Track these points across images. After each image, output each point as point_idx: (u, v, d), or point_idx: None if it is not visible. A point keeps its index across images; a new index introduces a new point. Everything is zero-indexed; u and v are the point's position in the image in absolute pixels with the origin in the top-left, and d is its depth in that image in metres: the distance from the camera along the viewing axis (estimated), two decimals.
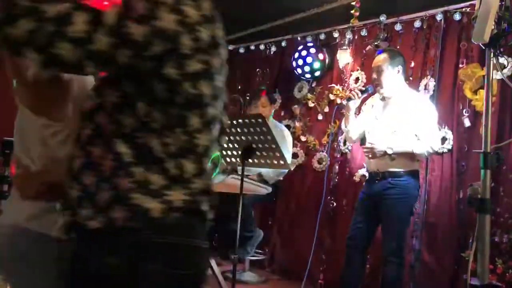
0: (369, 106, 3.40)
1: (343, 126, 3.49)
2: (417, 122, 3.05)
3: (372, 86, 3.26)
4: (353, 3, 3.65)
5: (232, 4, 4.36)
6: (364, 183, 3.46)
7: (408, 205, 3.08)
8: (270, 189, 3.76)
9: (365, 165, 3.51)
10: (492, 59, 1.94)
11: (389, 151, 3.04)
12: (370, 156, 3.13)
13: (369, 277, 3.71)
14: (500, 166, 3.02)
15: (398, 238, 3.03)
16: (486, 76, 1.94)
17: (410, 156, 3.07)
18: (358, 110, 3.46)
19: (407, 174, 3.06)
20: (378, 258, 3.37)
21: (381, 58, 3.18)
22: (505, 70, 3.12)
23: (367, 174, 3.44)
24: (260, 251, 4.48)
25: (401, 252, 3.02)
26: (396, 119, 3.11)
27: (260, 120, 2.72)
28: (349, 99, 3.29)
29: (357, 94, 3.25)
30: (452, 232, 3.37)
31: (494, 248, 2.96)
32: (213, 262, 3.57)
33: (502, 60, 3.10)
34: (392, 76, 3.14)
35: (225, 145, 3.05)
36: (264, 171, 4.00)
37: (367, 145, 3.20)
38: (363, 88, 3.32)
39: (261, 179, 4.03)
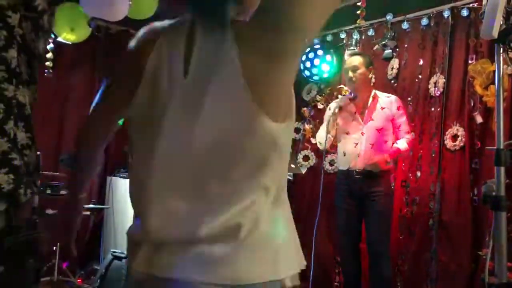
0: (335, 109, 3.43)
1: (323, 133, 3.43)
2: (396, 119, 3.31)
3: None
4: (359, 4, 3.64)
5: None
6: (341, 179, 3.43)
7: (392, 201, 3.36)
8: None
9: (339, 161, 3.52)
10: (501, 54, 1.93)
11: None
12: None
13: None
14: None
15: (388, 233, 3.27)
16: (496, 72, 1.92)
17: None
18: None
19: (388, 172, 3.32)
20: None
21: (356, 59, 3.36)
22: None
23: (343, 170, 3.42)
24: None
25: (389, 246, 3.26)
26: (377, 119, 3.29)
27: None
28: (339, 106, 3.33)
29: (343, 101, 3.34)
30: (468, 230, 3.33)
31: (511, 246, 2.91)
32: None
33: None
34: (366, 76, 3.33)
35: None
36: None
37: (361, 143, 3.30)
38: (351, 96, 3.32)
39: None
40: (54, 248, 3.76)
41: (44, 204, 3.59)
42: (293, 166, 2.80)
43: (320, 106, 4.49)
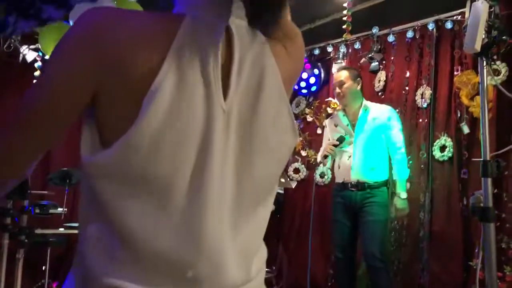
0: (332, 126, 3.49)
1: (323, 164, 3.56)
2: (388, 130, 3.28)
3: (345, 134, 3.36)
4: (345, 18, 3.68)
5: None
6: (337, 192, 3.41)
7: (387, 211, 3.29)
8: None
9: (335, 174, 3.50)
10: (485, 67, 1.96)
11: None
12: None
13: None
14: (502, 171, 3.01)
15: (384, 243, 3.24)
16: (480, 86, 1.95)
17: (385, 165, 3.29)
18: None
19: (384, 183, 3.29)
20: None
21: (342, 74, 3.40)
22: (499, 76, 3.13)
23: (339, 183, 3.41)
24: (267, 269, 4.44)
25: (386, 257, 3.23)
26: (368, 130, 3.29)
27: None
28: (325, 157, 3.36)
29: (333, 150, 3.33)
30: (458, 240, 3.34)
31: (501, 255, 2.93)
32: None
33: (495, 66, 3.11)
34: (354, 89, 3.34)
35: None
36: None
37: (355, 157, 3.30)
38: (337, 142, 3.31)
39: None
40: (44, 268, 3.71)
41: (33, 223, 3.55)
42: (283, 180, 2.80)
43: (309, 119, 4.51)
